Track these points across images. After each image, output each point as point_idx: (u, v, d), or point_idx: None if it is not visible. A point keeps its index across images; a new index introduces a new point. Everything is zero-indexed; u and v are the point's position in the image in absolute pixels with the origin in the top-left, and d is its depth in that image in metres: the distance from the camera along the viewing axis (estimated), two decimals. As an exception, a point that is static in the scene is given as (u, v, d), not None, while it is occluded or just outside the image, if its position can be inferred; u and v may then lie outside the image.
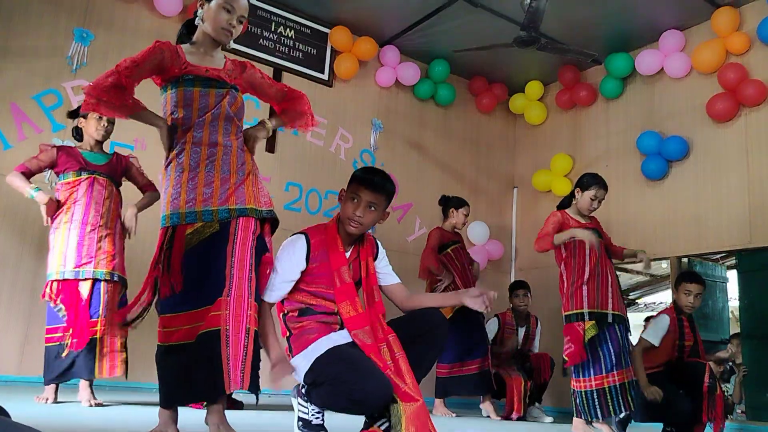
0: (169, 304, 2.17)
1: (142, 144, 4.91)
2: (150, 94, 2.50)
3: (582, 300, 3.80)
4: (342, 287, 2.30)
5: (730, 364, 5.67)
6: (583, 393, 3.76)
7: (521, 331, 5.27)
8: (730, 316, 7.03)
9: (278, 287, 2.31)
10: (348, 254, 2.38)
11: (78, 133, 3.68)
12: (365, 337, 2.24)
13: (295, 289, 2.33)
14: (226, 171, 2.29)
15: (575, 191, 4.00)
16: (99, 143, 3.62)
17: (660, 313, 4.04)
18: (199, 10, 2.39)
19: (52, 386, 3.36)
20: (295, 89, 2.65)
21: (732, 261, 6.00)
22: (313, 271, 2.33)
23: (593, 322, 3.75)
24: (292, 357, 2.28)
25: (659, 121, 5.80)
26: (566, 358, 3.81)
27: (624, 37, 5.93)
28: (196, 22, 2.41)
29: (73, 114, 3.67)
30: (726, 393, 5.41)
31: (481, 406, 4.93)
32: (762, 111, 5.10)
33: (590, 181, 3.98)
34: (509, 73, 6.73)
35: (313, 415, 2.25)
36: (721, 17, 5.27)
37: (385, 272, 2.50)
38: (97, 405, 3.34)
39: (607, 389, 3.72)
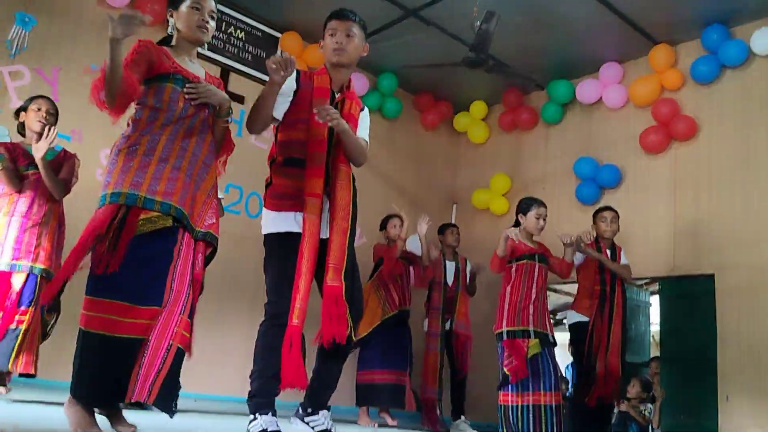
0: (98, 286, 2.09)
1: (79, 136, 4.76)
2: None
3: (528, 319, 3.96)
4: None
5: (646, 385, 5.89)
6: (518, 408, 3.84)
7: (450, 266, 5.36)
8: (651, 340, 7.33)
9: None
10: (337, 95, 2.63)
11: (23, 128, 3.61)
12: (312, 224, 2.42)
13: (283, 125, 2.58)
14: (189, 176, 2.28)
15: (518, 218, 4.22)
16: (39, 135, 3.51)
17: None
18: (170, 20, 2.42)
19: None
20: (231, 139, 2.62)
21: (655, 287, 6.27)
22: (300, 98, 2.54)
23: (537, 340, 3.91)
24: (264, 207, 2.58)
25: (595, 148, 6.03)
26: (508, 373, 3.91)
27: (566, 66, 6.15)
28: (169, 32, 2.43)
29: (18, 110, 3.63)
30: (644, 412, 5.63)
31: (359, 421, 4.87)
32: (691, 146, 5.37)
33: (529, 202, 4.26)
34: (455, 91, 6.86)
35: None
36: (658, 54, 5.54)
37: (362, 127, 2.73)
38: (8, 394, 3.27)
39: (543, 407, 3.85)
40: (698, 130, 5.33)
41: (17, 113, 3.62)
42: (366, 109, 2.82)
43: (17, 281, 3.34)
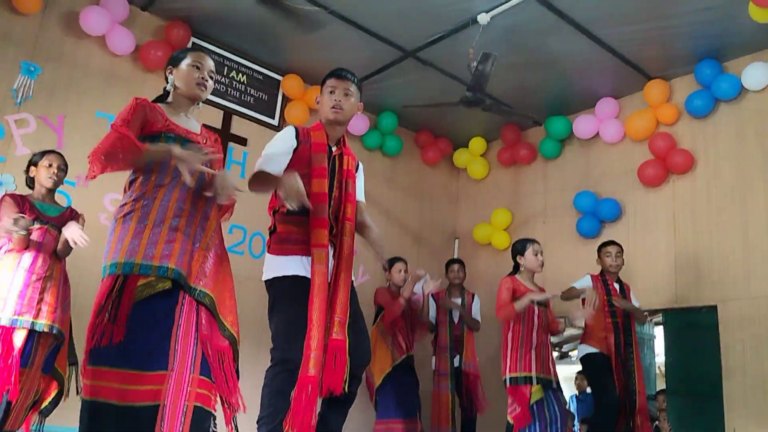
0: (103, 356, 2.09)
1: (84, 181, 4.83)
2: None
3: (530, 364, 4.00)
4: (318, 169, 2.60)
5: (656, 424, 5.84)
6: None
7: (456, 303, 5.39)
8: (657, 372, 7.28)
9: (274, 158, 2.57)
10: (334, 149, 2.73)
11: (31, 182, 3.63)
12: (321, 274, 2.46)
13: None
14: (187, 234, 2.28)
15: (517, 259, 4.27)
16: (50, 192, 3.58)
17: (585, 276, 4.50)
18: (170, 77, 2.47)
19: None
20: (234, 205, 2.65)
21: (659, 318, 6.25)
22: (299, 154, 2.62)
23: (539, 386, 3.94)
24: (268, 253, 2.61)
25: (594, 182, 6.08)
26: (512, 421, 3.96)
27: (563, 102, 6.24)
28: (168, 88, 2.48)
29: (28, 164, 3.66)
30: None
31: None
32: (688, 179, 5.42)
33: (523, 243, 4.35)
34: (454, 128, 6.95)
35: None
36: (653, 89, 5.63)
37: (360, 188, 2.83)
38: None
39: None
40: (695, 163, 5.39)
41: (27, 168, 3.65)
42: (361, 166, 2.93)
43: (18, 339, 3.27)
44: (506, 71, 5.49)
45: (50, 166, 3.54)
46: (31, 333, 3.32)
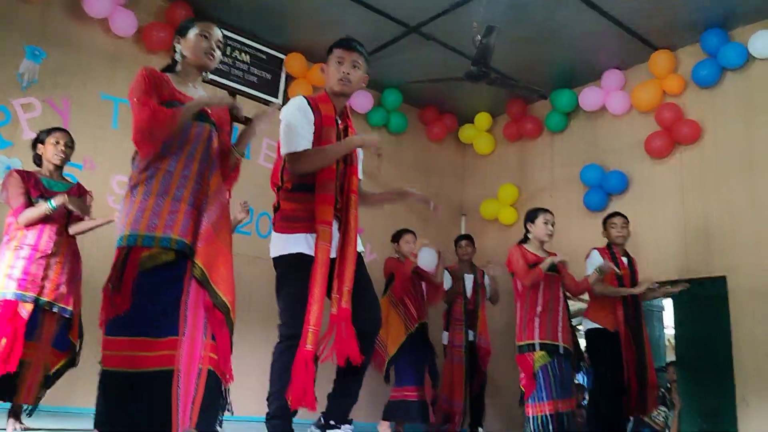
0: (114, 326, 2.13)
1: (90, 164, 4.85)
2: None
3: (534, 331, 4.02)
4: (327, 143, 2.59)
5: (663, 391, 5.87)
6: (539, 418, 3.92)
7: (468, 279, 5.43)
8: (667, 343, 7.31)
9: (302, 134, 2.56)
10: (340, 122, 2.70)
11: (39, 159, 3.64)
12: (324, 250, 2.47)
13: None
14: (192, 205, 2.27)
15: (527, 226, 4.28)
16: (58, 168, 3.59)
17: (590, 251, 4.44)
18: (177, 46, 2.46)
19: None
20: (239, 170, 2.64)
21: (668, 291, 6.25)
22: (314, 127, 2.60)
23: (543, 352, 3.96)
24: (274, 231, 2.62)
25: (601, 155, 6.05)
26: (523, 389, 4.02)
27: (568, 75, 6.19)
28: (176, 58, 2.47)
29: (35, 141, 3.66)
30: (662, 417, 5.60)
31: (378, 428, 4.98)
32: (695, 149, 5.39)
33: (535, 211, 4.34)
34: (459, 104, 6.92)
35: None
36: (658, 59, 5.58)
37: (362, 158, 2.83)
38: (24, 430, 3.27)
39: (558, 414, 3.92)
40: (702, 133, 5.35)
41: (34, 144, 3.65)
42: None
43: (24, 312, 3.31)
44: (510, 44, 5.45)
45: (57, 143, 3.55)
46: (36, 308, 3.35)
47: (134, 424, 2.08)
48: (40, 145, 3.59)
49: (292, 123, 2.61)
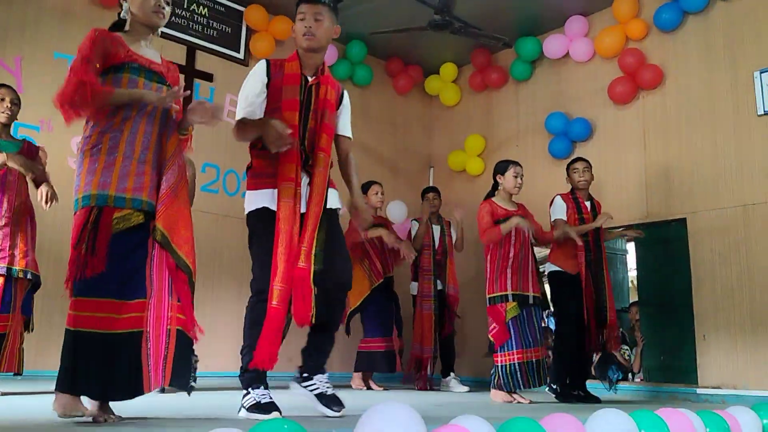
0: (84, 287, 2.13)
1: (48, 125, 4.72)
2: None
3: (506, 283, 4.11)
4: (288, 101, 2.57)
5: (621, 331, 6.07)
6: (507, 366, 4.06)
7: (436, 230, 5.54)
8: (630, 285, 7.53)
9: (251, 102, 2.58)
10: (310, 79, 2.65)
11: None
12: (287, 207, 2.48)
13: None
14: (155, 168, 2.28)
15: (497, 178, 4.32)
16: (5, 127, 3.47)
17: (554, 198, 4.53)
18: (124, 4, 2.38)
19: None
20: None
21: (631, 234, 6.41)
22: (272, 88, 2.60)
23: (515, 303, 4.07)
24: (246, 189, 2.65)
25: (565, 103, 6.09)
26: (492, 339, 4.14)
27: (532, 22, 6.17)
28: (122, 16, 2.38)
29: None
30: (625, 356, 5.82)
31: (352, 384, 5.15)
32: (657, 94, 5.46)
33: (505, 164, 4.38)
34: (424, 55, 6.86)
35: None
36: (622, 4, 5.58)
37: (344, 121, 2.82)
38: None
39: (526, 363, 4.07)
40: (664, 78, 5.41)
41: None
42: (347, 97, 2.86)
43: None
44: (474, -8, 5.39)
45: (2, 100, 3.43)
46: (8, 279, 3.31)
47: (104, 384, 2.11)
48: None
49: (243, 91, 2.65)
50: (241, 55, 5.95)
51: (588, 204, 4.53)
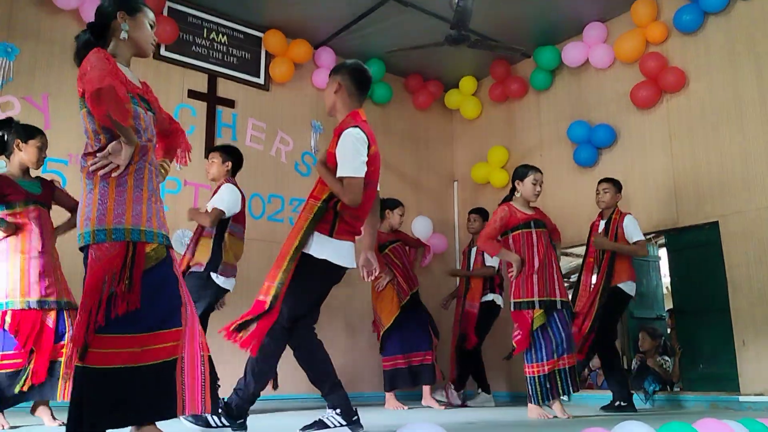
0: (114, 324, 2.08)
1: (76, 159, 4.81)
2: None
3: (533, 289, 4.03)
4: None
5: (664, 339, 5.95)
6: (537, 378, 3.94)
7: (473, 251, 5.59)
8: (665, 292, 7.37)
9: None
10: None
11: (1, 147, 3.47)
12: None
13: None
14: (159, 195, 2.32)
15: (515, 184, 4.26)
16: (28, 169, 3.52)
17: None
18: (124, 24, 2.31)
19: None
20: (175, 121, 2.60)
21: (662, 240, 6.29)
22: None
23: (542, 310, 3.97)
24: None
25: (587, 110, 6.03)
26: (515, 345, 4.05)
27: (550, 31, 6.14)
28: (122, 37, 2.31)
29: (3, 125, 3.49)
30: (664, 366, 5.69)
31: (423, 402, 5.10)
32: (682, 96, 5.37)
33: (525, 169, 4.31)
34: (443, 70, 6.86)
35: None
36: (640, 8, 5.52)
37: (338, 161, 2.89)
38: (61, 425, 3.30)
39: (557, 371, 3.96)
40: (687, 80, 5.33)
41: (12, 137, 3.46)
42: (341, 138, 2.92)
43: (50, 320, 3.32)
44: (489, 4, 5.40)
45: (41, 149, 3.48)
46: (60, 311, 3.38)
47: (138, 415, 2.08)
48: (18, 142, 3.44)
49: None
50: (261, 80, 6.02)
51: (602, 223, 4.78)
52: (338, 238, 2.84)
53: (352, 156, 2.82)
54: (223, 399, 2.84)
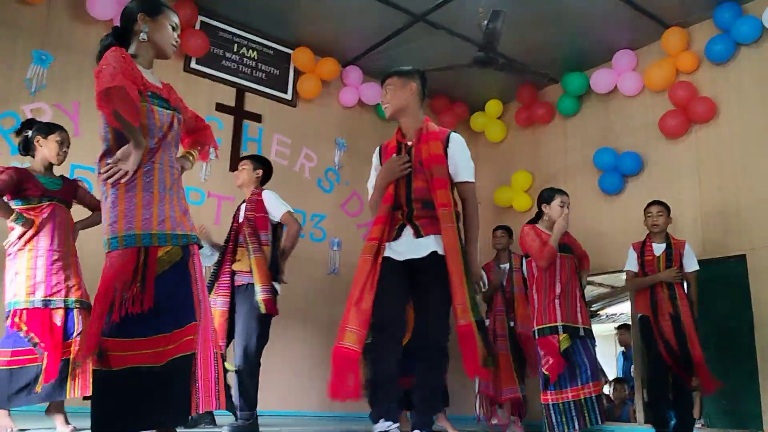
0: (132, 328, 2.07)
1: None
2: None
3: (555, 314, 3.97)
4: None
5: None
6: (561, 405, 3.85)
7: (505, 268, 5.45)
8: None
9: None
10: (410, 143, 2.92)
11: (25, 148, 3.51)
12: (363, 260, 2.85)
13: None
14: (178, 195, 2.29)
15: (542, 207, 4.21)
16: (51, 166, 3.54)
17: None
18: (144, 26, 2.31)
19: (4, 412, 3.25)
20: (202, 118, 2.61)
21: (687, 272, 6.16)
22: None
23: (566, 334, 3.90)
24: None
25: (614, 137, 5.98)
26: (547, 373, 3.93)
27: (579, 57, 6.12)
28: (142, 38, 2.31)
29: (26, 126, 3.53)
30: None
31: (437, 423, 4.91)
32: (712, 127, 5.30)
33: (551, 192, 4.28)
34: (469, 92, 6.86)
35: None
36: (671, 37, 5.49)
37: (459, 165, 2.91)
38: (74, 430, 3.29)
39: (584, 400, 3.87)
40: (718, 110, 5.26)
41: (27, 132, 3.49)
42: (453, 142, 2.92)
43: (58, 318, 3.32)
44: (518, 28, 5.39)
45: (62, 143, 3.48)
46: (68, 311, 3.36)
47: (157, 414, 2.07)
48: (39, 138, 3.45)
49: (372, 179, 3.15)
50: (289, 96, 6.06)
51: (660, 247, 4.50)
52: None
53: (470, 161, 2.96)
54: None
